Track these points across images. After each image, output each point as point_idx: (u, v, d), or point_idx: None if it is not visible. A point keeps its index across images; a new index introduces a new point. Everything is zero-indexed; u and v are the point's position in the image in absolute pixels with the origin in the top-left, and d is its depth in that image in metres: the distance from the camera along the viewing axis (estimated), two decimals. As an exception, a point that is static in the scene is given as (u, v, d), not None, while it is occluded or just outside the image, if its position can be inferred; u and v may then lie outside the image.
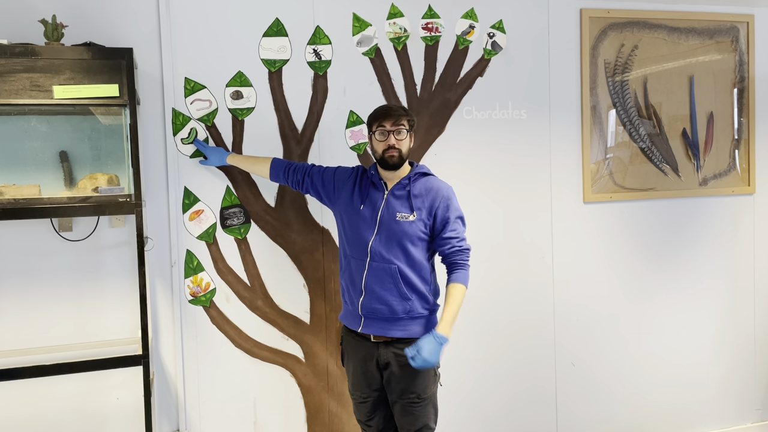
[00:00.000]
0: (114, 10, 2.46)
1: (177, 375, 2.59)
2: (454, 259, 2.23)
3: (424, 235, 2.24)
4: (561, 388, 3.10)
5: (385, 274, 2.22)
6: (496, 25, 2.90)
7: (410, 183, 2.26)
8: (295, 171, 2.44)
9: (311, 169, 2.44)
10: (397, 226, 2.22)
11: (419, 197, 2.25)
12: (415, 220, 2.22)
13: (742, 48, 3.27)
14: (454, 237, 2.23)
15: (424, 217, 2.23)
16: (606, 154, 3.09)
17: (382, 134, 2.22)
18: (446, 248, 2.23)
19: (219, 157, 2.53)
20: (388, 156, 2.22)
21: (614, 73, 3.07)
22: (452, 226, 2.24)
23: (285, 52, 2.65)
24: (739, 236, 3.33)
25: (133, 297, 2.50)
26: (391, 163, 2.23)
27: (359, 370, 2.34)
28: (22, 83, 2.10)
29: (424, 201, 2.24)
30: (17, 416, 2.44)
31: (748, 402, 3.41)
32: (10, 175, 2.25)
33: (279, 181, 2.49)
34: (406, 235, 2.22)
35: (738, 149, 3.31)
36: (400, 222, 2.22)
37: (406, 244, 2.22)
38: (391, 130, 2.21)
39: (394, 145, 2.22)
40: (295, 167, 2.45)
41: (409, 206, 2.24)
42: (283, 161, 2.48)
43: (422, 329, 2.26)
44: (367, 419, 2.39)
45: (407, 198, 2.25)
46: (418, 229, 2.23)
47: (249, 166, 2.52)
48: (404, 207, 2.24)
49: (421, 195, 2.25)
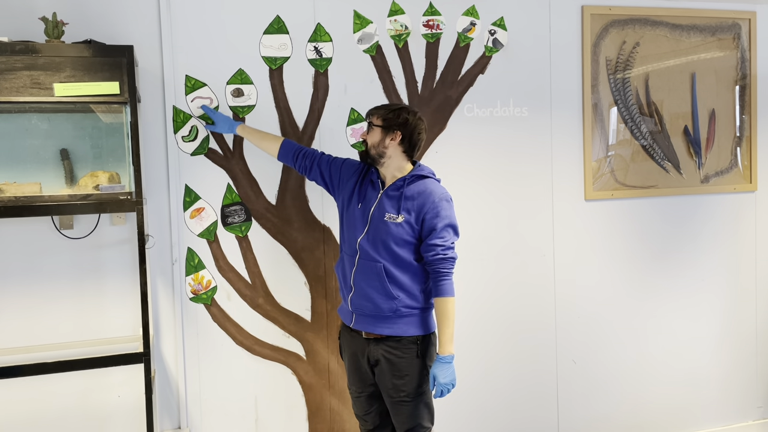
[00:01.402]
0: (114, 8, 2.46)
1: (178, 373, 2.60)
2: (437, 268, 2.20)
3: (410, 238, 2.22)
4: (562, 386, 3.10)
5: (372, 271, 2.22)
6: (498, 23, 2.89)
7: (405, 185, 2.26)
8: (305, 156, 2.45)
9: (321, 157, 2.45)
10: (384, 226, 2.22)
11: (411, 200, 2.23)
12: (402, 221, 2.21)
13: (744, 45, 3.27)
14: (440, 245, 2.19)
15: (412, 220, 2.21)
16: (607, 152, 3.09)
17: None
18: (430, 254, 2.20)
19: (228, 125, 2.52)
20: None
21: (616, 71, 3.07)
22: (439, 234, 2.20)
23: (286, 50, 2.64)
24: (740, 234, 3.33)
25: (134, 295, 2.50)
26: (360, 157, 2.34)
27: (353, 366, 2.36)
28: (23, 81, 2.10)
29: (414, 204, 2.22)
30: (19, 414, 2.44)
31: (750, 399, 3.41)
32: (10, 173, 2.25)
33: (286, 161, 2.49)
34: (390, 236, 2.21)
35: (740, 146, 3.30)
36: (387, 222, 2.22)
37: (391, 244, 2.21)
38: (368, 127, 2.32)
39: (365, 139, 2.31)
40: (305, 152, 2.45)
41: (398, 207, 2.23)
42: (294, 144, 2.48)
43: (415, 327, 2.25)
44: (363, 414, 2.41)
45: (399, 199, 2.24)
46: (404, 231, 2.21)
47: (258, 140, 2.51)
48: (393, 208, 2.24)
49: (413, 198, 2.23)
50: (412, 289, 2.24)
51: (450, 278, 2.22)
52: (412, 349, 2.24)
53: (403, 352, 2.24)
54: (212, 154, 2.59)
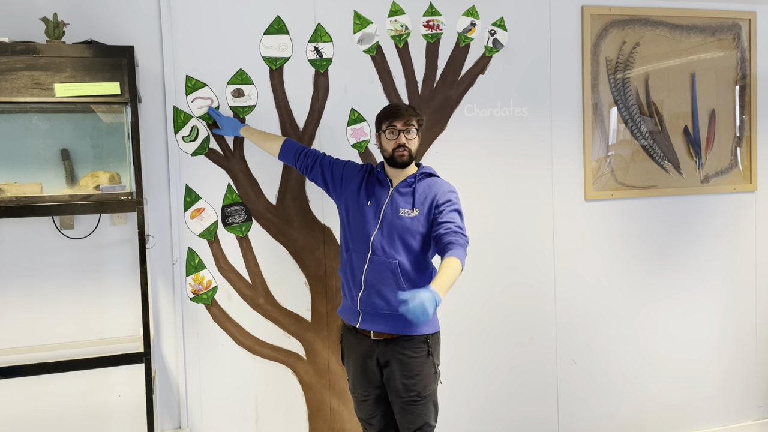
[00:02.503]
0: (115, 8, 2.46)
1: (179, 372, 2.60)
2: (450, 239, 2.11)
3: (424, 230, 2.24)
4: (562, 385, 3.10)
5: (385, 268, 2.23)
6: (498, 23, 2.89)
7: (416, 181, 2.28)
8: (306, 156, 2.45)
9: (323, 158, 2.45)
10: (399, 221, 2.23)
11: (423, 194, 2.26)
12: (417, 215, 2.23)
13: (744, 45, 3.27)
14: (450, 221, 2.17)
15: (425, 211, 2.24)
16: (607, 152, 3.09)
17: (393, 133, 2.24)
18: (441, 230, 2.16)
19: (233, 127, 2.53)
20: (398, 155, 2.25)
21: (616, 71, 3.07)
22: (448, 216, 2.19)
23: (286, 50, 2.65)
24: (740, 234, 3.33)
25: (134, 295, 2.50)
26: (400, 161, 2.25)
27: (359, 368, 2.34)
28: (24, 81, 2.10)
29: (426, 197, 2.25)
30: (20, 413, 2.44)
31: (750, 399, 3.41)
32: (11, 173, 2.25)
33: (287, 161, 2.50)
34: (407, 230, 2.23)
35: (740, 146, 3.31)
36: (403, 217, 2.23)
37: (408, 238, 2.23)
38: (402, 129, 2.24)
39: (405, 144, 2.24)
40: (306, 152, 2.46)
41: (412, 202, 2.25)
42: (296, 143, 2.49)
43: (425, 325, 2.25)
44: (368, 417, 2.39)
45: (411, 194, 2.26)
46: (420, 224, 2.23)
47: (260, 141, 2.53)
48: (407, 203, 2.25)
49: (424, 192, 2.27)
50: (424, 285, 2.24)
51: (464, 248, 2.11)
52: (422, 348, 2.24)
53: (414, 351, 2.24)
54: (213, 154, 2.60)
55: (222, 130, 2.55)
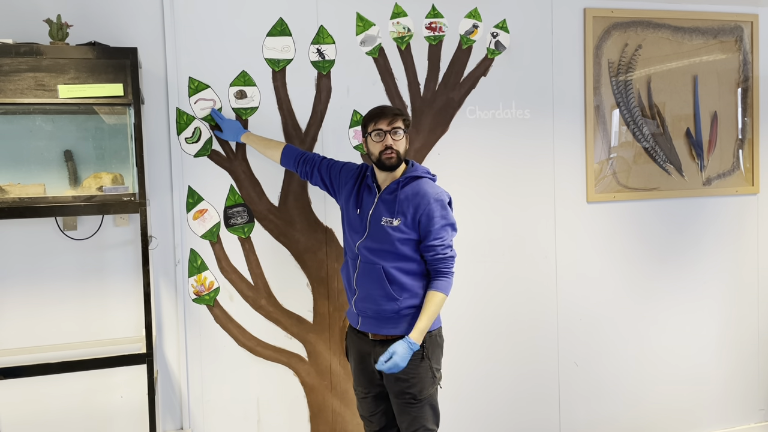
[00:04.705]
0: (118, 10, 2.47)
1: (181, 373, 2.60)
2: (437, 267, 2.22)
3: (408, 237, 2.22)
4: (564, 388, 3.10)
5: (373, 274, 2.24)
6: (500, 25, 2.90)
7: (399, 188, 2.25)
8: (305, 162, 2.46)
9: (321, 162, 2.46)
10: (382, 230, 2.23)
11: (405, 202, 2.23)
12: (399, 224, 2.22)
13: (746, 48, 3.27)
14: (438, 245, 2.21)
15: (408, 222, 2.22)
16: (609, 154, 3.09)
17: (379, 135, 2.22)
18: (430, 255, 2.22)
19: (235, 132, 2.54)
20: (385, 157, 2.22)
21: (618, 73, 3.07)
22: (437, 234, 2.21)
23: (289, 52, 2.65)
24: (742, 236, 3.33)
25: (137, 296, 2.50)
26: (388, 164, 2.23)
27: (360, 366, 2.36)
28: (27, 82, 2.11)
29: (409, 206, 2.22)
30: (22, 414, 2.45)
31: (752, 402, 3.41)
32: (15, 174, 2.26)
33: (288, 167, 2.51)
34: (389, 238, 2.22)
35: (742, 149, 3.30)
36: (384, 226, 2.23)
37: (391, 246, 2.22)
38: (387, 131, 2.21)
39: (392, 146, 2.21)
40: (305, 158, 2.47)
41: (393, 211, 2.23)
42: (296, 149, 2.50)
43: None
44: (369, 415, 2.41)
45: (393, 203, 2.24)
46: (402, 233, 2.22)
47: (261, 147, 2.54)
48: (389, 212, 2.24)
49: (407, 199, 2.23)
50: (414, 288, 2.24)
51: (449, 278, 2.23)
52: (417, 351, 2.23)
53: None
54: (215, 155, 2.60)
55: (224, 134, 2.55)
